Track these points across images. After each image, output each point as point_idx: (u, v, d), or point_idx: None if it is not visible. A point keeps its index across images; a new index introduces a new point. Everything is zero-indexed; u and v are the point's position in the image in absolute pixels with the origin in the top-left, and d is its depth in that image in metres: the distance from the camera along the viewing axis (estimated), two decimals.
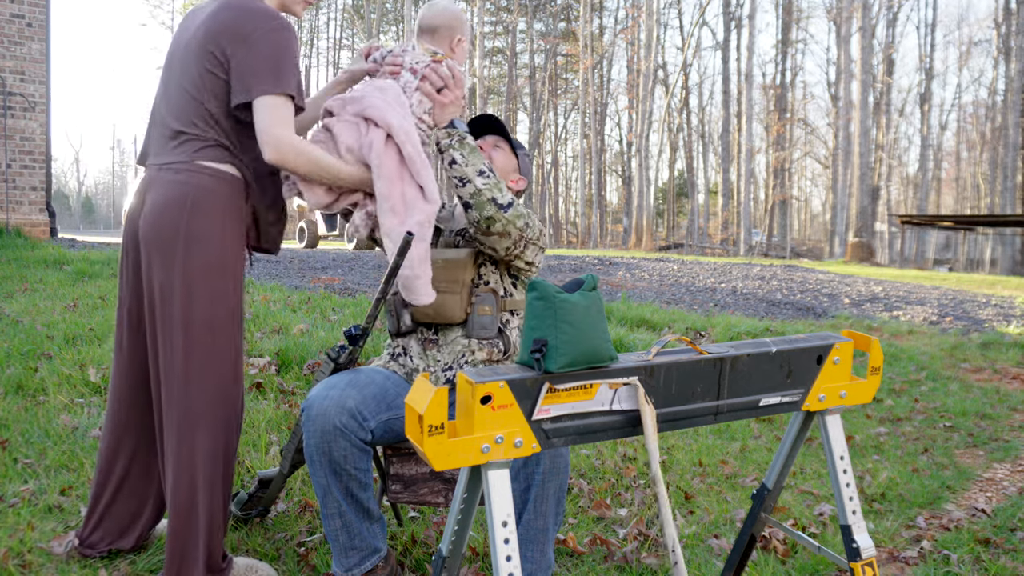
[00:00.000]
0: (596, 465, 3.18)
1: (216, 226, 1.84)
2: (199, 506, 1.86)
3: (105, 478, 2.06)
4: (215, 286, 1.84)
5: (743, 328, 6.42)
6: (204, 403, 1.85)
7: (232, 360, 1.91)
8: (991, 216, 27.70)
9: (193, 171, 1.84)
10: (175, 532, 1.86)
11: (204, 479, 1.86)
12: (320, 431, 1.77)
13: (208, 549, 1.87)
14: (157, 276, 1.84)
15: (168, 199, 1.83)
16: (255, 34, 1.79)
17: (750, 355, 1.43)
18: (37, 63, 8.49)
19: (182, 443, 1.85)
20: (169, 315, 1.83)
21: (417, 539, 2.36)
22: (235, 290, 1.90)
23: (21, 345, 3.86)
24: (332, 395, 1.80)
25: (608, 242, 37.25)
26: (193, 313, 1.82)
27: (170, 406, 1.86)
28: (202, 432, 1.86)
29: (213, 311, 1.85)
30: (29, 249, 7.27)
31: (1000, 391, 5.44)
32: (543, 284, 1.26)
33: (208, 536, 1.87)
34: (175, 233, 1.81)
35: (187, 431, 1.85)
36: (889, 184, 42.62)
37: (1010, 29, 35.55)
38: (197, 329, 1.83)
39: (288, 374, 3.87)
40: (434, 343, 2.01)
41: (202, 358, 1.84)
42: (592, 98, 35.51)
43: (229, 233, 1.87)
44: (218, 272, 1.85)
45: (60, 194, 62.37)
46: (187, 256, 1.81)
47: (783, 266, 16.57)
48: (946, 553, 2.58)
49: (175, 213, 1.82)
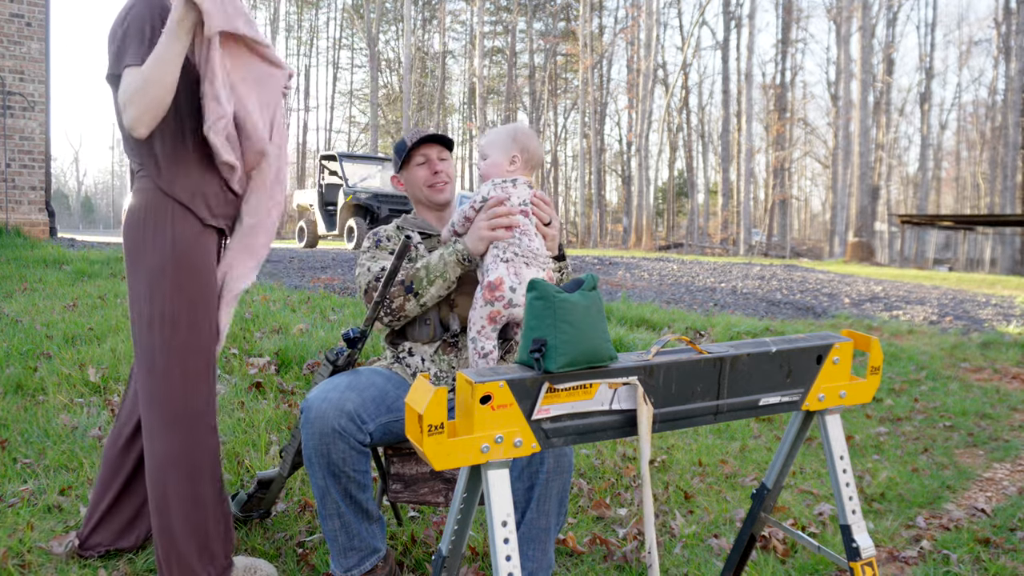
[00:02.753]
0: (596, 465, 3.18)
1: (148, 232, 1.87)
2: (171, 509, 1.85)
3: (111, 476, 2.06)
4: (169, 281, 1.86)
5: (743, 328, 6.42)
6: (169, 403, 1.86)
7: (195, 353, 1.89)
8: (991, 216, 27.70)
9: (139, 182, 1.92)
10: (157, 533, 1.87)
11: (176, 479, 1.85)
12: (319, 433, 1.76)
13: (199, 549, 1.86)
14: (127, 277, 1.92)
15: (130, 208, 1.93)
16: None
17: (750, 355, 1.43)
18: (36, 62, 8.48)
19: (153, 442, 1.86)
20: (135, 313, 1.88)
21: (417, 539, 2.36)
22: (191, 283, 1.89)
23: (20, 345, 3.86)
24: (331, 397, 1.80)
25: (608, 242, 37.24)
26: (152, 309, 1.85)
27: (144, 407, 1.88)
28: (170, 433, 1.85)
29: (170, 306, 1.85)
30: (28, 249, 7.26)
31: (1000, 391, 5.44)
32: (543, 284, 1.26)
33: (194, 536, 1.86)
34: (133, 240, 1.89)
35: (156, 432, 1.86)
36: (889, 184, 42.62)
37: (1010, 28, 35.54)
38: (157, 325, 1.84)
39: (288, 374, 3.87)
40: (453, 346, 2.02)
41: (164, 354, 1.85)
42: (592, 98, 35.50)
43: (161, 236, 1.88)
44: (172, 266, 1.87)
45: (59, 194, 62.34)
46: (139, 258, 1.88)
47: (783, 266, 16.57)
48: (946, 553, 2.58)
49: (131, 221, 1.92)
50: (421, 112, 41.34)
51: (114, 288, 5.58)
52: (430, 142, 2.16)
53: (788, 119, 37.70)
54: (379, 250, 2.10)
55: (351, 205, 14.06)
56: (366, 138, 44.18)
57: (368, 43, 32.82)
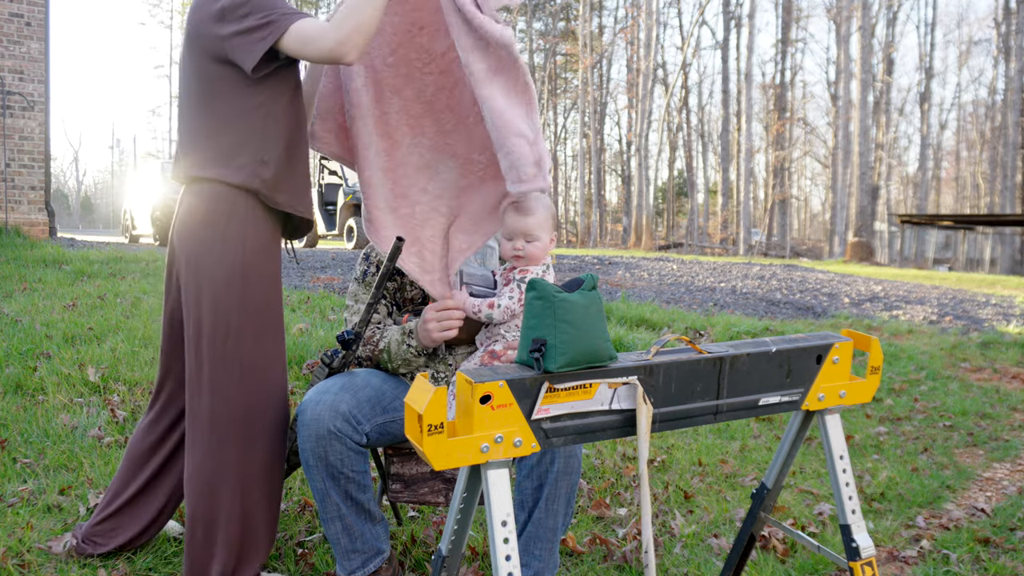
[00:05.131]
0: (596, 464, 3.18)
1: (218, 239, 1.83)
2: (218, 522, 1.83)
3: (133, 474, 2.06)
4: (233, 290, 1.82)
5: (743, 328, 6.42)
6: (228, 414, 1.83)
7: (260, 367, 1.86)
8: (991, 215, 27.70)
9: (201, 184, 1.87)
10: (189, 545, 1.85)
11: (229, 493, 1.83)
12: (315, 436, 1.76)
13: (225, 565, 1.84)
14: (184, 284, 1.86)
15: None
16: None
17: (750, 354, 1.43)
18: (36, 62, 8.48)
19: (203, 459, 1.83)
20: (193, 323, 1.83)
21: (417, 538, 2.36)
22: (257, 292, 1.87)
23: (20, 344, 3.85)
24: (325, 399, 1.79)
25: (607, 241, 37.26)
26: (216, 319, 1.81)
27: (193, 418, 1.85)
28: (230, 445, 1.83)
29: (236, 317, 1.82)
30: (28, 248, 7.26)
31: (1000, 390, 5.44)
32: (542, 283, 1.26)
33: (227, 553, 1.84)
34: (197, 245, 1.84)
35: (207, 446, 1.83)
36: (889, 183, 42.61)
37: (1010, 28, 35.55)
38: (220, 336, 1.81)
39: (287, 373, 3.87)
40: (442, 359, 2.03)
41: (222, 366, 1.81)
42: (591, 97, 35.50)
43: (238, 242, 1.84)
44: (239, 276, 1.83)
45: (59, 193, 62.30)
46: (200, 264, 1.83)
47: (783, 265, 16.57)
48: (945, 552, 2.58)
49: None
50: None
51: (114, 288, 5.58)
52: None
53: (788, 119, 37.70)
54: (364, 286, 2.08)
55: (351, 205, 14.08)
56: None
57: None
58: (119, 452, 2.82)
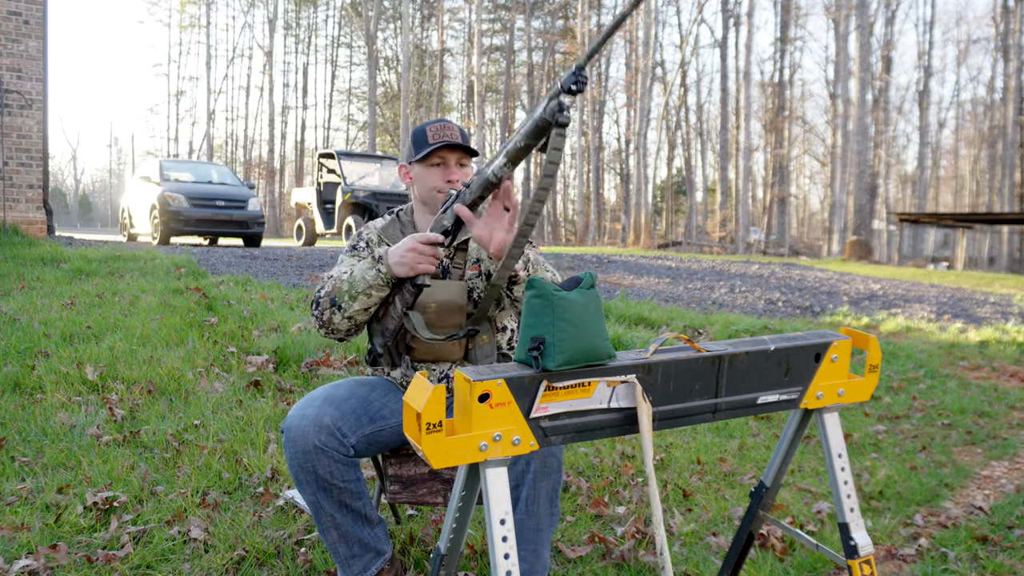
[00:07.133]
0: (594, 463, 3.18)
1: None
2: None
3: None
4: None
5: (741, 326, 6.42)
6: None
7: None
8: (989, 214, 27.72)
9: None
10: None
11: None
12: (301, 452, 1.74)
13: None
14: None
15: None
16: None
17: (748, 353, 1.43)
18: (34, 60, 8.47)
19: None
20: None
21: (415, 537, 2.36)
22: None
23: (18, 343, 3.85)
24: (308, 414, 1.77)
25: (606, 240, 37.26)
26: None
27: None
28: None
29: None
30: (26, 247, 7.25)
31: (998, 389, 5.45)
32: (541, 282, 1.26)
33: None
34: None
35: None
36: (887, 182, 42.63)
37: (1008, 26, 35.57)
38: None
39: (286, 372, 3.87)
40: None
41: None
42: (590, 96, 35.48)
43: None
44: None
45: (57, 192, 62.21)
46: None
47: (781, 264, 16.58)
48: (944, 551, 2.58)
49: None
50: (419, 110, 41.30)
51: (112, 286, 5.58)
52: (453, 148, 2.01)
53: (786, 117, 37.71)
54: (351, 257, 2.01)
55: (349, 203, 14.08)
56: (364, 136, 44.14)
57: (366, 41, 32.77)
58: (117, 451, 2.82)
